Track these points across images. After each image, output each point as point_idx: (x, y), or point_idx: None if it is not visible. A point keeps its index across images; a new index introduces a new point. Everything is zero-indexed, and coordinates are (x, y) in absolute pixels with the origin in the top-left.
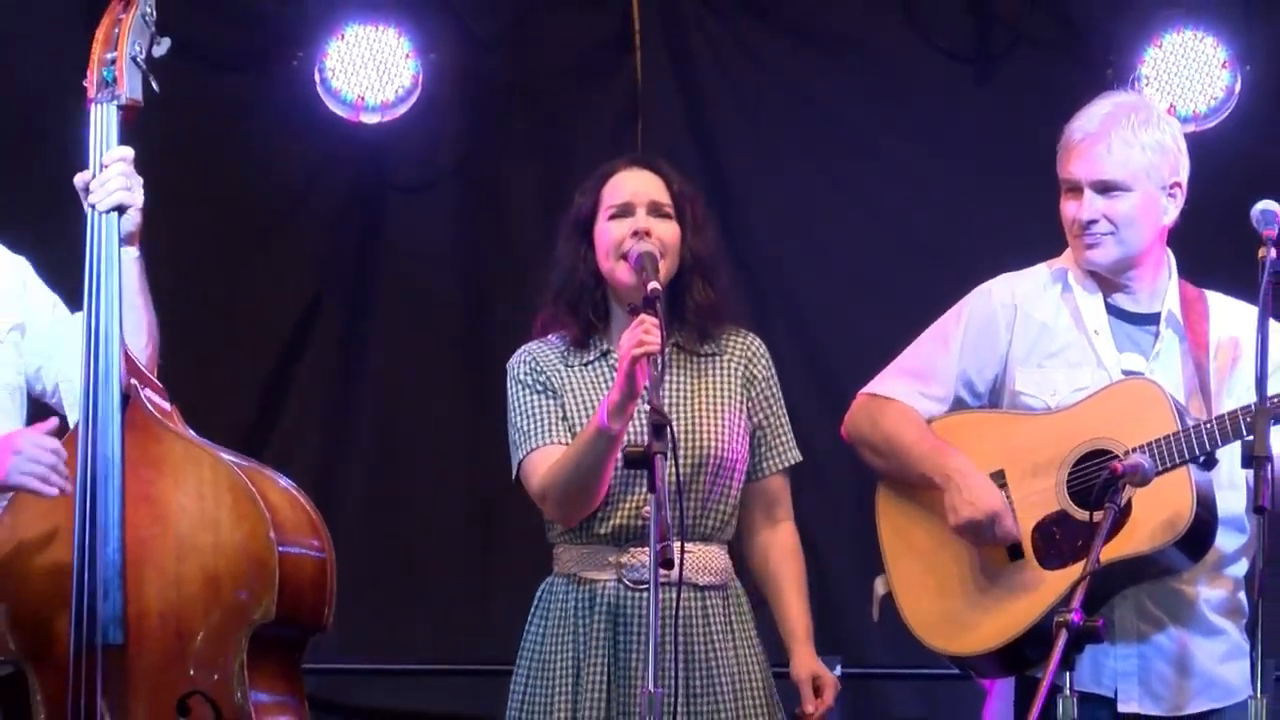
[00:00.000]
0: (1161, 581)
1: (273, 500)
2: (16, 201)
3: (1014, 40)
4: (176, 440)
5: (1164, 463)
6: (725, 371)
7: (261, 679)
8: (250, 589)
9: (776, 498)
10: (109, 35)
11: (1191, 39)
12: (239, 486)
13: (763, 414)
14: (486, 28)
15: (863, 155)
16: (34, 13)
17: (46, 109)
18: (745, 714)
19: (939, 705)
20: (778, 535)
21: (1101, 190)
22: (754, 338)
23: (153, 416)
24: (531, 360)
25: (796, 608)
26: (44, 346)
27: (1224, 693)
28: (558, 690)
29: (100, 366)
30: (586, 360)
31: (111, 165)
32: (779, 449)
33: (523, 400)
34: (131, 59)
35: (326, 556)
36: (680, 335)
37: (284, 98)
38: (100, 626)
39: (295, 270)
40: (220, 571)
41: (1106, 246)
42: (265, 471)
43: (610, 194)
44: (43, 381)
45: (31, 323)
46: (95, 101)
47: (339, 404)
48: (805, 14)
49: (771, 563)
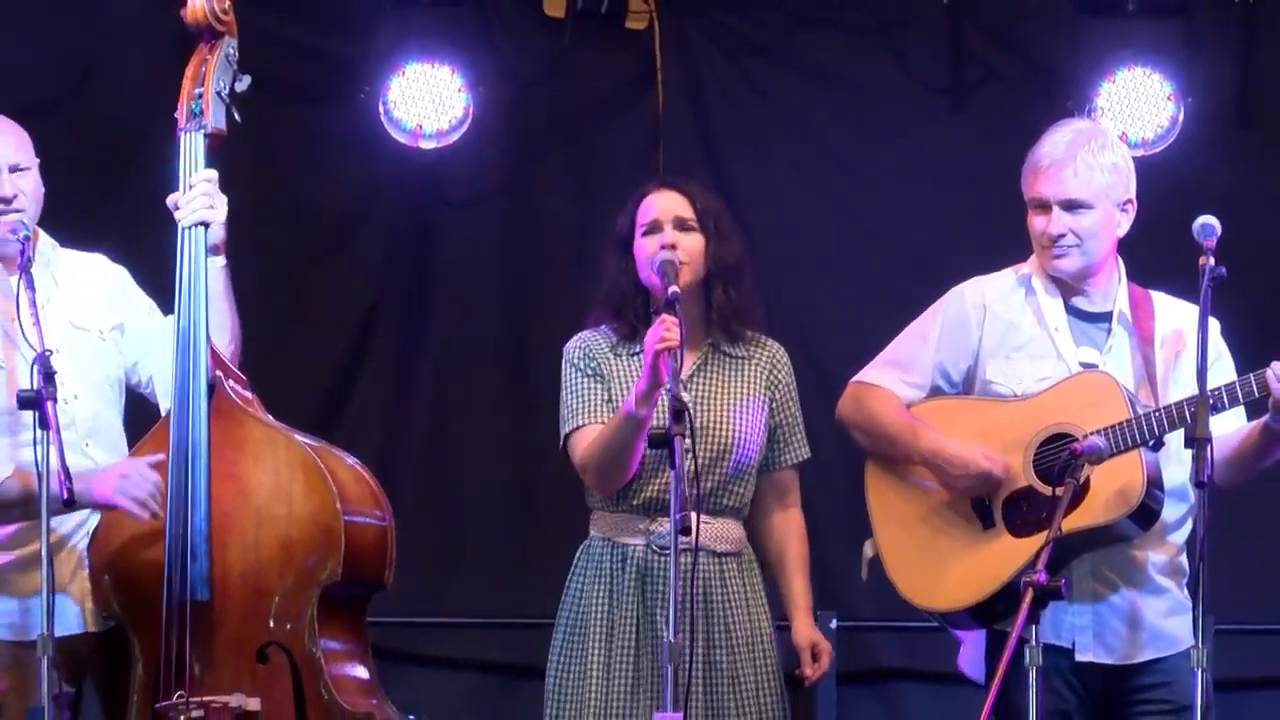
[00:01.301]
0: (1114, 547)
1: (339, 476)
2: (118, 218)
3: (985, 76)
4: (256, 424)
5: (1118, 445)
6: (751, 375)
7: (330, 630)
8: (319, 553)
9: (788, 487)
10: (197, 73)
11: (1141, 75)
12: (310, 464)
13: (781, 415)
14: (529, 66)
15: (852, 175)
16: (132, 50)
17: (143, 137)
18: (756, 663)
19: (920, 653)
20: (788, 519)
21: (1068, 208)
22: (779, 347)
23: (235, 404)
24: (585, 347)
25: (799, 583)
26: (141, 344)
27: (1168, 643)
28: (593, 638)
29: (190, 361)
30: (633, 352)
31: (197, 186)
32: (793, 446)
33: (574, 382)
34: (216, 93)
35: (387, 525)
36: (715, 337)
37: (352, 126)
38: (190, 585)
39: (360, 276)
40: (294, 538)
41: (1073, 257)
42: (334, 451)
43: (643, 213)
44: (139, 375)
45: (130, 324)
46: (184, 130)
47: (398, 392)
48: (803, 54)
49: (780, 543)
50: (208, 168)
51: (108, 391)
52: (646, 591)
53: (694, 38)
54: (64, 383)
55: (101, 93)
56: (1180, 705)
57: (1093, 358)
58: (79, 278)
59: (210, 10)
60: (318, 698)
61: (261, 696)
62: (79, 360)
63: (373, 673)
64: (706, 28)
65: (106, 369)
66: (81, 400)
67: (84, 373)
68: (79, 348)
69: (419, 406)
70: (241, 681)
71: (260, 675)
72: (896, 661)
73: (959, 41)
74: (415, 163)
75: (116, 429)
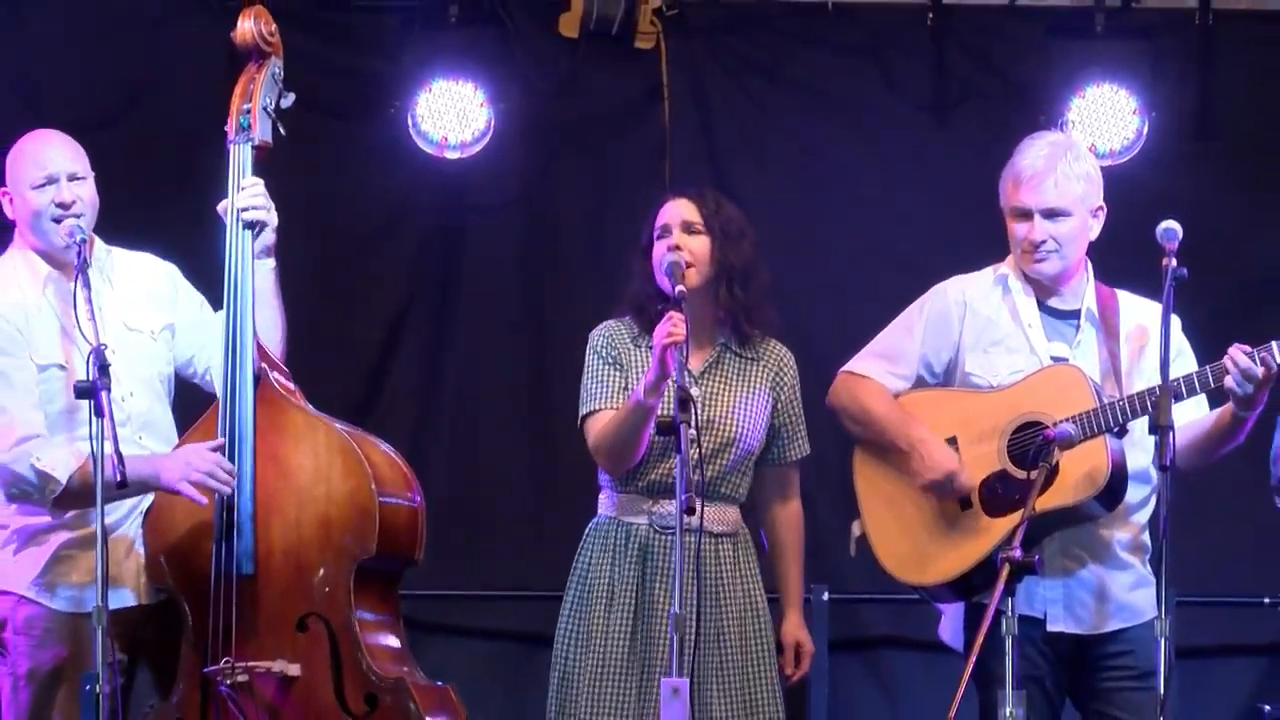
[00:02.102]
0: (1083, 526)
1: (375, 460)
2: (168, 226)
3: (965, 92)
4: (298, 412)
5: (1086, 432)
6: (758, 375)
7: (365, 602)
8: (355, 531)
9: (789, 481)
10: (245, 89)
11: (1108, 91)
12: (347, 449)
13: (784, 413)
14: (545, 83)
15: (844, 183)
16: (181, 71)
17: (191, 151)
18: (745, 634)
19: (904, 624)
20: (788, 512)
21: (1048, 216)
22: (786, 351)
23: (279, 393)
24: (609, 336)
25: (793, 575)
26: (195, 339)
27: (1133, 614)
28: (595, 609)
29: (237, 354)
30: (651, 344)
31: (247, 189)
32: (795, 443)
33: (595, 367)
34: (263, 108)
35: (419, 506)
36: (727, 339)
37: (383, 139)
38: (236, 560)
39: (393, 275)
40: (332, 517)
41: (1052, 261)
42: (370, 438)
43: (657, 220)
44: (194, 367)
45: (181, 322)
46: (233, 142)
47: (428, 381)
48: (799, 72)
49: (780, 534)
50: (255, 176)
51: (158, 388)
52: (647, 566)
53: (698, 56)
54: (119, 380)
55: (152, 110)
56: (1144, 671)
57: (1063, 352)
58: (131, 278)
59: (258, 33)
60: (353, 664)
61: (301, 663)
62: (133, 360)
63: (404, 642)
64: (709, 47)
65: (158, 367)
66: (136, 397)
67: (137, 371)
68: (132, 348)
69: (447, 394)
70: (283, 649)
71: (300, 643)
72: (883, 631)
73: (942, 61)
74: (442, 172)
75: (167, 422)
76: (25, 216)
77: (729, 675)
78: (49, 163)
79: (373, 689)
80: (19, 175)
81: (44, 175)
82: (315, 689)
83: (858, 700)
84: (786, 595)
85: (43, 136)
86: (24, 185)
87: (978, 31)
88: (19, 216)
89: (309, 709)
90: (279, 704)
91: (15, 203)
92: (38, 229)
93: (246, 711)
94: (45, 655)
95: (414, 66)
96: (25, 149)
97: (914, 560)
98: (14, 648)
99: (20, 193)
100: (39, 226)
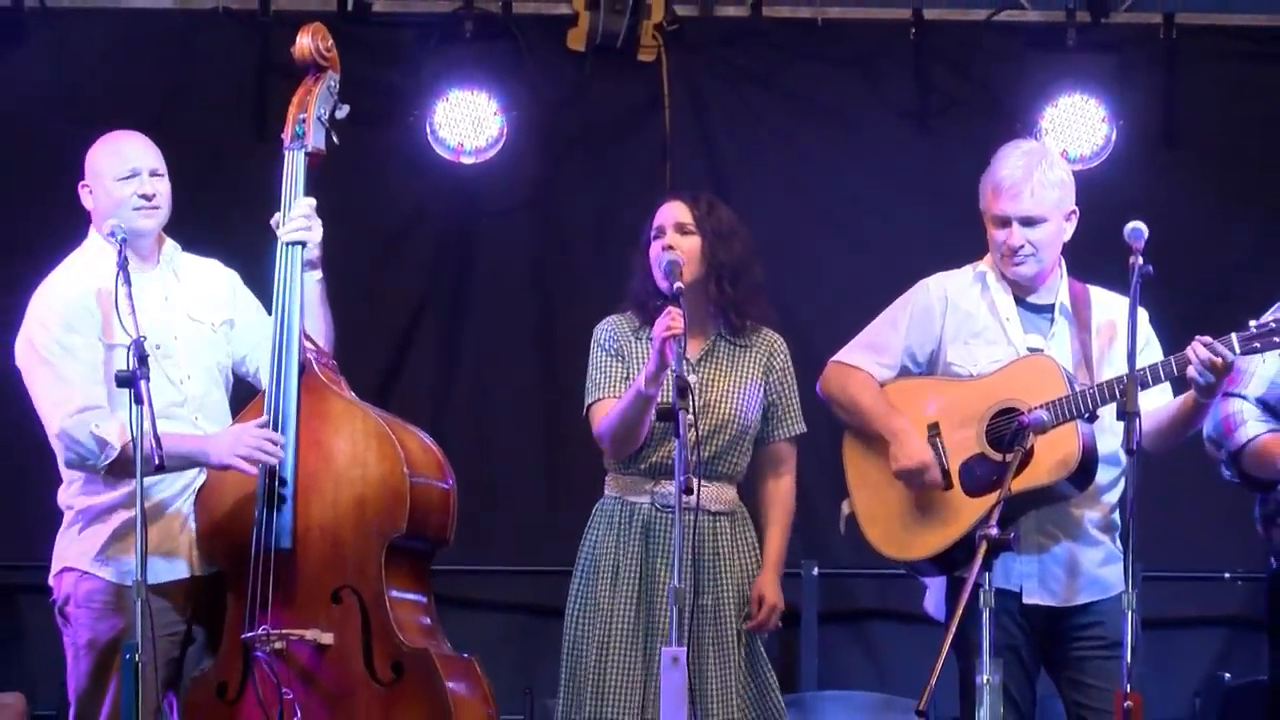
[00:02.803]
0: (1056, 505)
1: (408, 445)
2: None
3: (946, 102)
4: (338, 399)
5: (1059, 417)
6: (751, 361)
7: (396, 577)
8: (388, 510)
9: (783, 458)
10: (302, 100)
11: (1079, 101)
12: (383, 434)
13: (776, 394)
14: (554, 93)
15: (833, 186)
16: (214, 80)
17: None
18: (741, 607)
19: (889, 597)
20: (779, 486)
21: (1026, 223)
22: (778, 337)
23: (322, 382)
24: (611, 329)
25: (775, 538)
26: (250, 338)
27: (1103, 588)
28: (600, 583)
29: (283, 345)
30: (650, 337)
31: (297, 210)
32: (788, 422)
33: (599, 359)
34: (318, 118)
35: (450, 489)
36: (720, 329)
37: (403, 145)
38: (276, 535)
39: (412, 273)
40: (366, 497)
41: (1030, 265)
42: (407, 425)
43: (654, 221)
44: (247, 365)
45: (239, 321)
46: (288, 149)
47: (445, 371)
48: (791, 83)
49: (769, 507)
50: (307, 187)
51: (215, 375)
52: (649, 543)
53: (696, 68)
54: (180, 364)
55: (182, 118)
56: (1112, 641)
57: (1038, 343)
58: (197, 276)
59: (315, 49)
60: (383, 635)
61: (334, 632)
62: (194, 347)
63: (433, 616)
64: (707, 60)
65: (216, 356)
66: (194, 380)
67: (197, 358)
68: (194, 337)
69: (462, 383)
70: (318, 618)
71: (334, 614)
72: (871, 603)
73: (925, 73)
74: (457, 176)
75: (223, 407)
76: (107, 207)
77: (727, 645)
78: (134, 158)
79: (400, 658)
80: (103, 168)
81: (128, 168)
82: (346, 657)
83: (846, 668)
84: (766, 556)
85: (126, 134)
86: (108, 178)
87: (958, 45)
88: (98, 207)
89: (340, 675)
90: (312, 670)
91: (96, 194)
92: (119, 218)
93: (281, 676)
94: (104, 626)
95: (431, 78)
96: (110, 145)
97: (899, 537)
98: (75, 620)
99: (103, 185)
100: (121, 216)
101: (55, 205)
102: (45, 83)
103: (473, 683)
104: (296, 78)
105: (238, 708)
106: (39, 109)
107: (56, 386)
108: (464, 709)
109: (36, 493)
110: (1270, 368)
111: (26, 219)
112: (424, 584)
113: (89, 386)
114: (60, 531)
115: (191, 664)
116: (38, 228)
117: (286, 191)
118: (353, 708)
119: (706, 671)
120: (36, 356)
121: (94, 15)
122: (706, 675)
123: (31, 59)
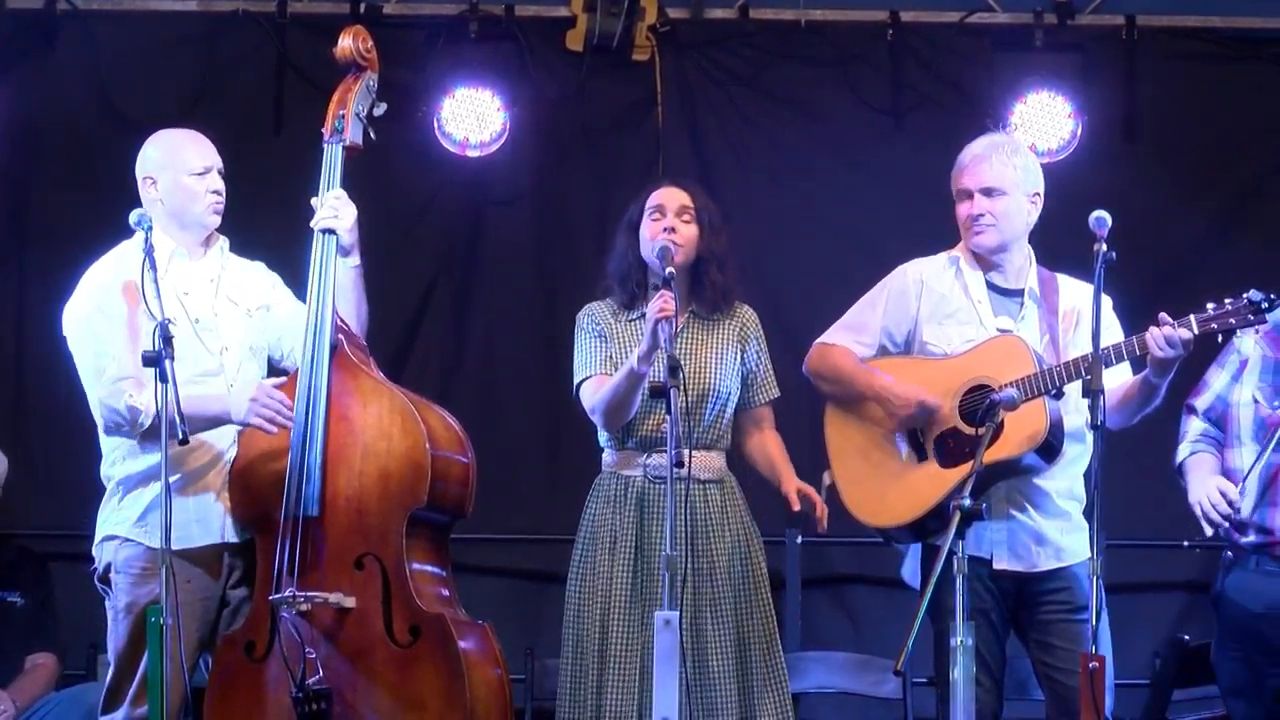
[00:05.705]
0: (1024, 477)
1: (431, 422)
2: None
3: (920, 100)
4: (366, 378)
5: (1027, 394)
6: (726, 332)
7: (416, 546)
8: (410, 483)
9: (764, 419)
10: (342, 97)
11: (1047, 98)
12: (407, 411)
13: (752, 362)
14: (554, 91)
15: (814, 179)
16: (235, 81)
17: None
18: (733, 572)
19: (867, 564)
20: (767, 438)
21: (986, 194)
22: (749, 309)
23: (352, 361)
24: (593, 314)
25: (783, 463)
26: (286, 326)
27: (1069, 555)
28: (600, 553)
29: (317, 329)
30: (630, 318)
31: (327, 199)
32: (764, 388)
33: (583, 341)
34: (356, 114)
35: (469, 464)
36: (695, 306)
37: (412, 139)
38: (304, 503)
39: (421, 260)
40: (390, 470)
41: (990, 234)
42: (430, 404)
43: (651, 201)
44: (281, 350)
45: (275, 308)
46: (327, 143)
47: (452, 351)
48: (776, 82)
49: (762, 449)
50: (343, 178)
51: (250, 354)
52: (644, 513)
53: (688, 69)
54: (219, 336)
55: (206, 115)
56: (1078, 605)
57: (1008, 325)
58: (240, 269)
59: (356, 49)
60: (402, 600)
61: (356, 596)
62: (232, 325)
63: (451, 589)
64: (699, 61)
65: (252, 337)
66: (231, 352)
67: (235, 336)
68: (233, 317)
69: (469, 363)
70: (341, 583)
71: (357, 579)
72: (850, 570)
73: (899, 72)
74: (463, 169)
75: (257, 382)
76: (179, 201)
77: (722, 607)
78: (208, 155)
79: (417, 621)
80: (178, 163)
81: (203, 165)
82: (367, 620)
83: (827, 631)
84: (781, 473)
85: (195, 134)
86: (182, 172)
87: (931, 46)
88: (165, 198)
89: (360, 636)
90: (334, 631)
91: (163, 186)
92: (188, 209)
93: (305, 636)
94: (142, 591)
95: (439, 76)
96: (183, 142)
97: (876, 506)
98: (116, 585)
99: (175, 178)
100: (194, 210)
101: (91, 196)
102: (77, 82)
103: (485, 646)
104: (310, 78)
105: (264, 665)
106: (71, 107)
107: (98, 356)
108: (476, 669)
109: (67, 463)
110: (1221, 381)
111: (62, 209)
112: (443, 557)
113: (127, 357)
114: (103, 503)
115: (227, 625)
116: (74, 215)
117: (323, 183)
118: (372, 666)
119: (704, 632)
120: (82, 328)
121: (122, 17)
122: (704, 634)
123: (64, 59)
